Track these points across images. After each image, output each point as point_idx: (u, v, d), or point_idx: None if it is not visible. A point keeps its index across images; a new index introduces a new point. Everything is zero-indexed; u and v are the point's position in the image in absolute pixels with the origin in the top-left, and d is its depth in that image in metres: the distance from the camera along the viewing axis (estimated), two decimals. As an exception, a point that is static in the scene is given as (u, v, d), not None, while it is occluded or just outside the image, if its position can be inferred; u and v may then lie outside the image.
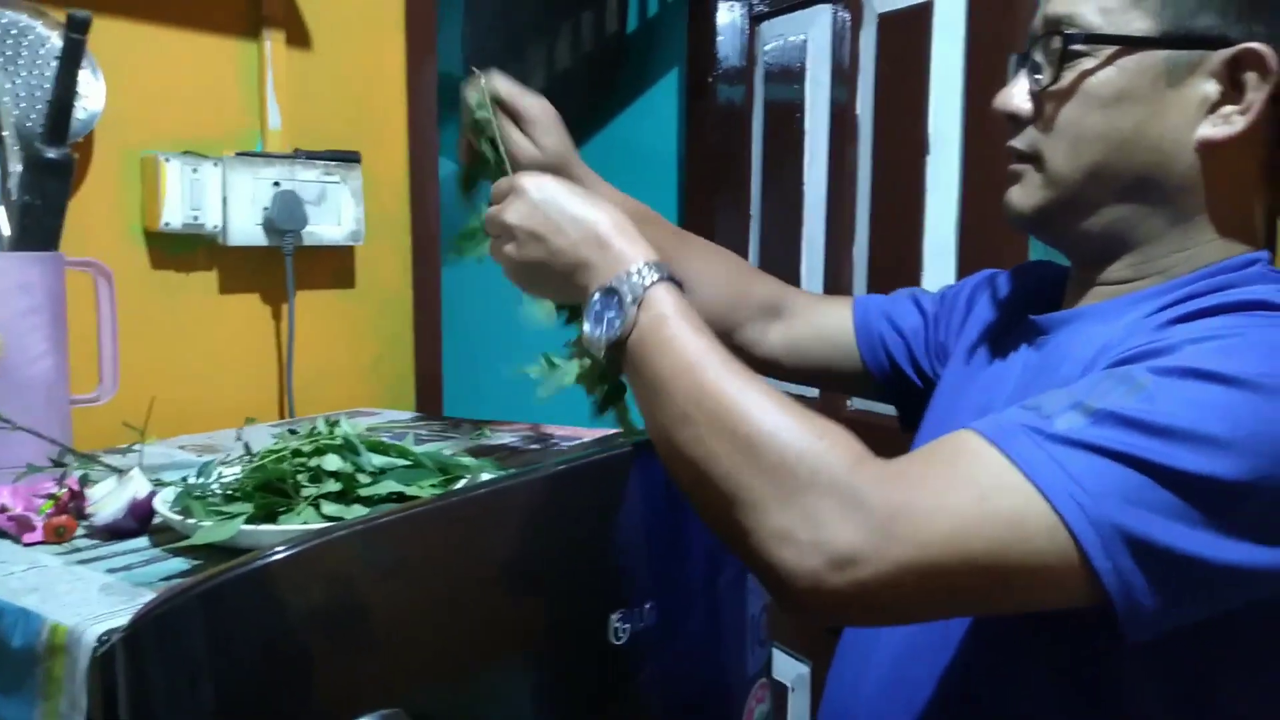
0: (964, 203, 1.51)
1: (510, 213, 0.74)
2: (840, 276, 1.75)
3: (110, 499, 0.81)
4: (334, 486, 0.75)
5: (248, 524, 0.73)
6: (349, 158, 1.46)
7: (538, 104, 0.90)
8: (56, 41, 1.14)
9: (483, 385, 2.48)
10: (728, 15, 2.00)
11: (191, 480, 0.83)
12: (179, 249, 1.34)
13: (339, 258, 1.52)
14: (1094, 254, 0.72)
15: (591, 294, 0.69)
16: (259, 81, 1.40)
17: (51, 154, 1.01)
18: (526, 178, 0.75)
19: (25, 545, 0.78)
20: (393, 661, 0.62)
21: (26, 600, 0.64)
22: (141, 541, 0.79)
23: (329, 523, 0.72)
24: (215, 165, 1.33)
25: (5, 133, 1.05)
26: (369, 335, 1.57)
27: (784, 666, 1.76)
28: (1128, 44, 0.67)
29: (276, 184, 1.38)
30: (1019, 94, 0.73)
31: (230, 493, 0.79)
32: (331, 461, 0.77)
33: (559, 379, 0.82)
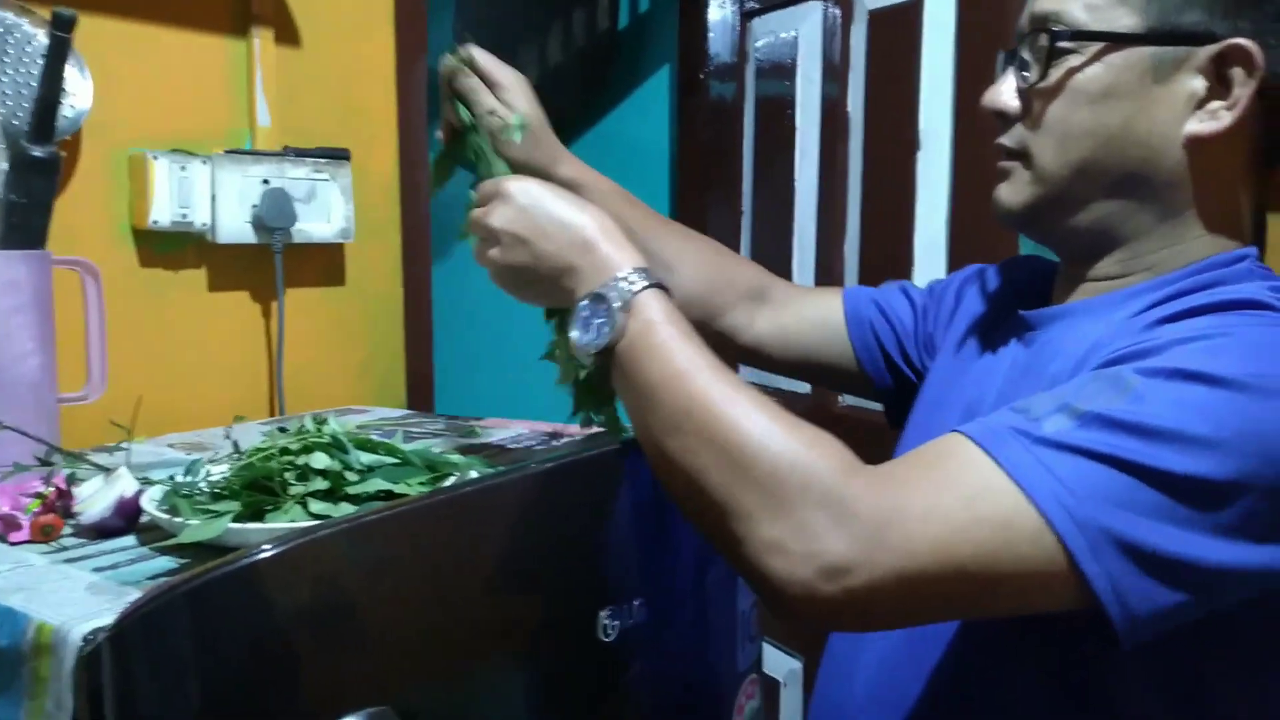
0: (954, 199, 1.52)
1: (495, 216, 0.73)
2: (831, 272, 1.75)
3: (97, 498, 0.81)
4: (322, 485, 0.75)
5: (235, 522, 0.72)
6: (338, 155, 1.46)
7: (510, 73, 0.89)
8: (43, 39, 1.13)
9: (474, 383, 2.48)
10: (719, 11, 2.00)
11: (179, 479, 0.83)
12: (167, 247, 1.33)
13: (329, 255, 1.51)
14: (1083, 250, 0.73)
15: (579, 300, 0.68)
16: (248, 79, 1.40)
17: (37, 152, 1.01)
18: (511, 181, 0.74)
19: (11, 544, 0.77)
20: (380, 660, 0.62)
21: (12, 599, 0.64)
22: (128, 540, 0.79)
23: (316, 521, 0.72)
24: (204, 163, 1.32)
25: (-9, 130, 1.05)
26: (359, 333, 1.56)
27: (776, 662, 1.76)
28: (1114, 40, 0.67)
29: (266, 181, 1.37)
30: (1007, 91, 0.73)
31: (218, 491, 0.79)
32: (319, 460, 0.76)
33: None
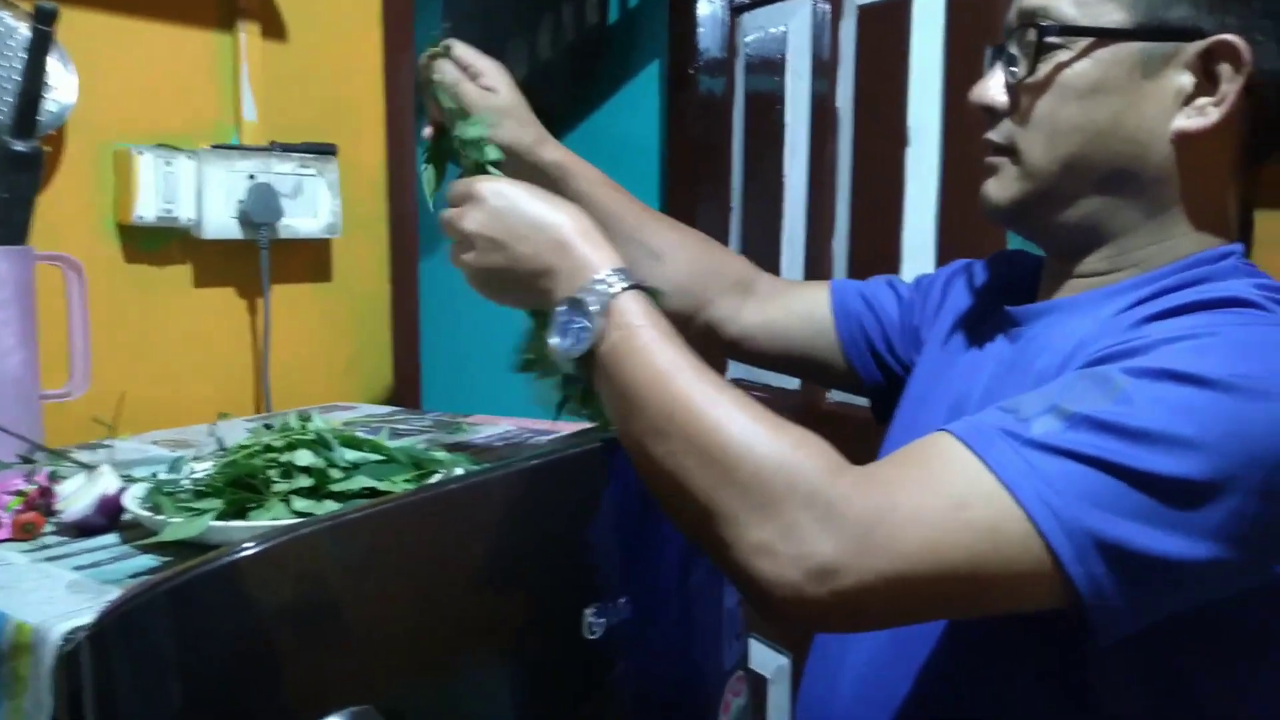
0: (943, 195, 1.51)
1: (468, 220, 0.72)
2: (820, 268, 1.75)
3: (79, 495, 0.80)
4: (305, 482, 0.75)
5: (217, 520, 0.72)
6: (325, 150, 1.45)
7: (489, 61, 0.88)
8: (25, 32, 1.12)
9: (462, 379, 2.47)
10: (708, 6, 1.99)
11: (162, 476, 0.82)
12: (152, 243, 1.32)
13: (315, 251, 1.51)
14: (1070, 246, 0.72)
15: (557, 304, 0.67)
16: (234, 74, 1.39)
17: (19, 147, 1.00)
18: (482, 183, 0.72)
19: (-8, 543, 0.77)
20: (363, 658, 0.62)
21: (-9, 599, 0.63)
22: (111, 538, 0.78)
23: (299, 518, 0.71)
24: (189, 158, 1.31)
25: (-28, 124, 1.04)
26: (346, 329, 1.55)
27: (763, 658, 1.76)
28: (1102, 35, 0.67)
29: (252, 177, 1.36)
30: (995, 86, 0.73)
31: (201, 489, 0.78)
32: (303, 457, 0.76)
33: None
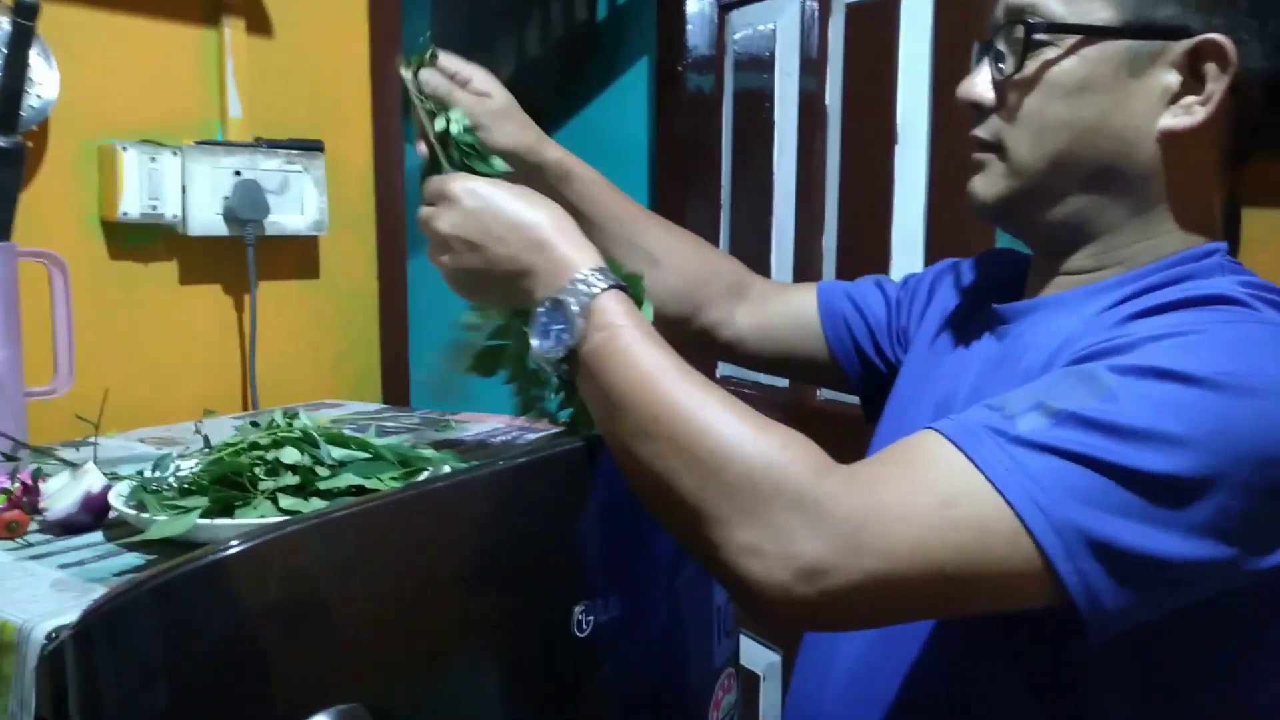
0: (931, 192, 1.52)
1: (442, 221, 0.71)
2: (810, 265, 1.75)
3: (64, 493, 0.79)
4: (292, 480, 0.74)
5: (203, 518, 0.71)
6: (312, 146, 1.44)
7: (474, 66, 0.86)
8: (6, 26, 1.11)
9: (450, 377, 2.47)
10: (697, 4, 1.99)
11: (147, 474, 0.81)
12: (137, 239, 1.31)
13: (302, 248, 1.50)
14: (1056, 243, 0.73)
15: (537, 305, 0.66)
16: (219, 69, 1.38)
17: (1, 142, 0.99)
18: (454, 182, 0.71)
19: (-25, 541, 0.76)
20: (351, 656, 0.61)
21: (-26, 598, 0.63)
22: (96, 536, 0.77)
23: (286, 516, 0.71)
24: (174, 154, 1.30)
25: (-46, 120, 1.03)
26: (333, 326, 1.55)
27: (755, 655, 1.76)
28: (1090, 33, 0.67)
29: (237, 173, 1.35)
30: (982, 83, 0.73)
31: (186, 486, 0.78)
32: (289, 454, 0.75)
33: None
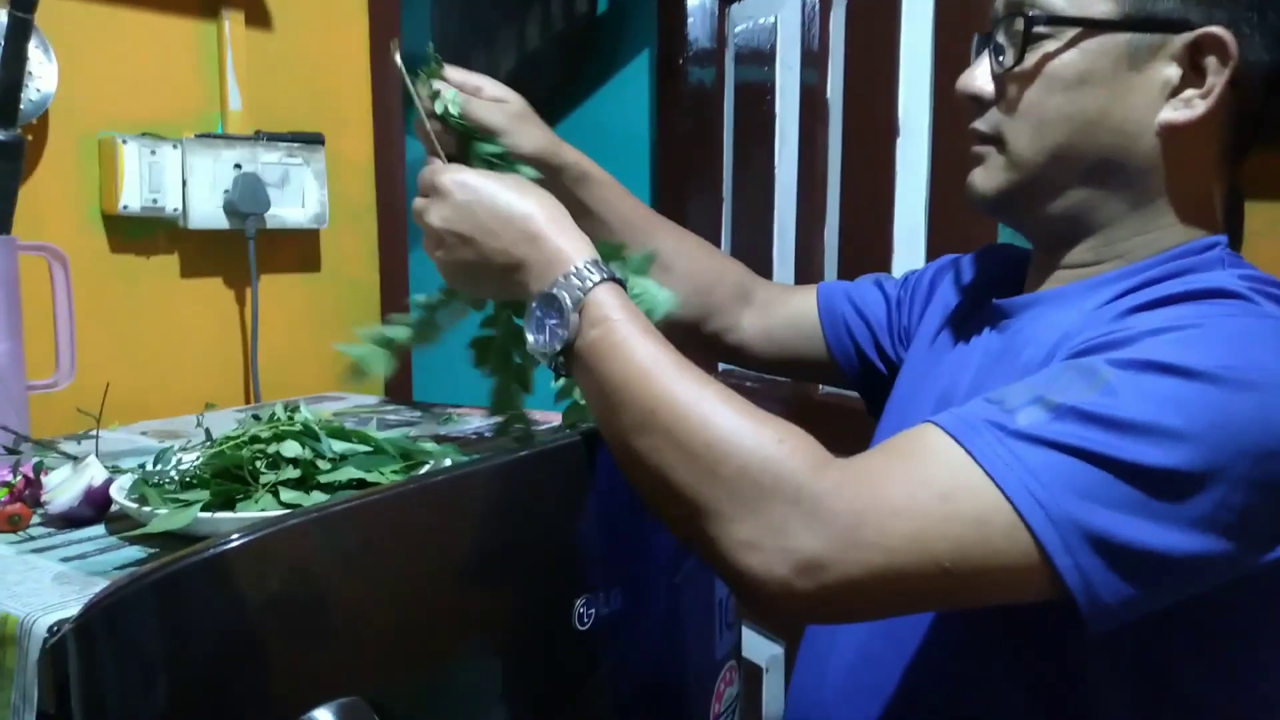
0: (933, 186, 1.51)
1: (433, 215, 0.70)
2: (811, 258, 1.75)
3: (66, 486, 0.80)
4: (293, 473, 0.75)
5: (205, 511, 0.72)
6: (312, 139, 1.44)
7: (483, 76, 0.85)
8: (4, 19, 1.11)
9: (452, 370, 2.47)
10: (698, -3, 1.98)
11: (149, 467, 0.82)
12: (138, 232, 1.32)
13: (303, 241, 1.50)
14: (1056, 237, 0.72)
15: (531, 299, 0.66)
16: (219, 62, 1.38)
17: (0, 135, 0.99)
18: (445, 175, 0.71)
19: (-22, 535, 0.76)
20: (351, 650, 0.61)
21: (-24, 591, 0.63)
22: (97, 530, 0.78)
23: (287, 510, 0.71)
24: (175, 147, 1.30)
25: (-46, 113, 1.03)
26: (335, 319, 1.55)
27: (758, 647, 1.77)
28: (1090, 26, 0.67)
29: (238, 166, 1.36)
30: (981, 75, 0.73)
31: (188, 480, 0.78)
32: (290, 448, 0.75)
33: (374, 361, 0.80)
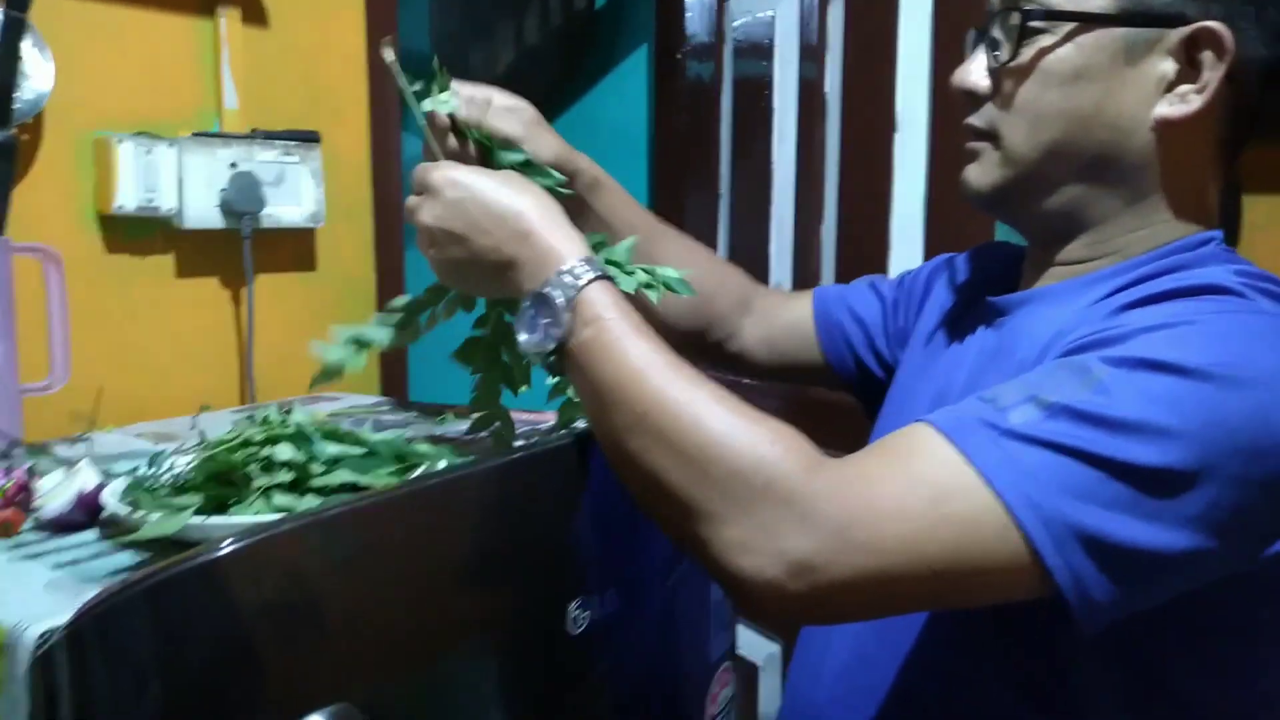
0: (931, 181, 1.51)
1: (424, 213, 0.70)
2: (809, 253, 1.74)
3: (58, 491, 0.79)
4: (286, 477, 0.74)
5: (197, 516, 0.71)
6: (308, 138, 1.44)
7: (484, 87, 0.83)
8: (0, 18, 1.11)
9: (450, 369, 2.47)
10: (696, -10, 1.97)
11: (142, 471, 0.81)
12: (133, 233, 1.31)
13: (299, 240, 1.49)
14: (1051, 233, 0.72)
15: (523, 298, 0.66)
16: (214, 60, 1.37)
17: (-6, 136, 0.99)
18: (436, 172, 0.70)
19: (-30, 540, 0.76)
20: (344, 656, 0.61)
21: (-33, 598, 0.63)
22: (90, 535, 0.77)
23: (279, 514, 0.71)
24: (170, 146, 1.30)
25: (-53, 115, 1.03)
26: (331, 319, 1.52)
27: (754, 645, 1.76)
28: (1086, 20, 0.67)
29: (234, 165, 1.35)
30: (977, 71, 0.72)
31: (181, 484, 0.77)
32: (283, 451, 0.75)
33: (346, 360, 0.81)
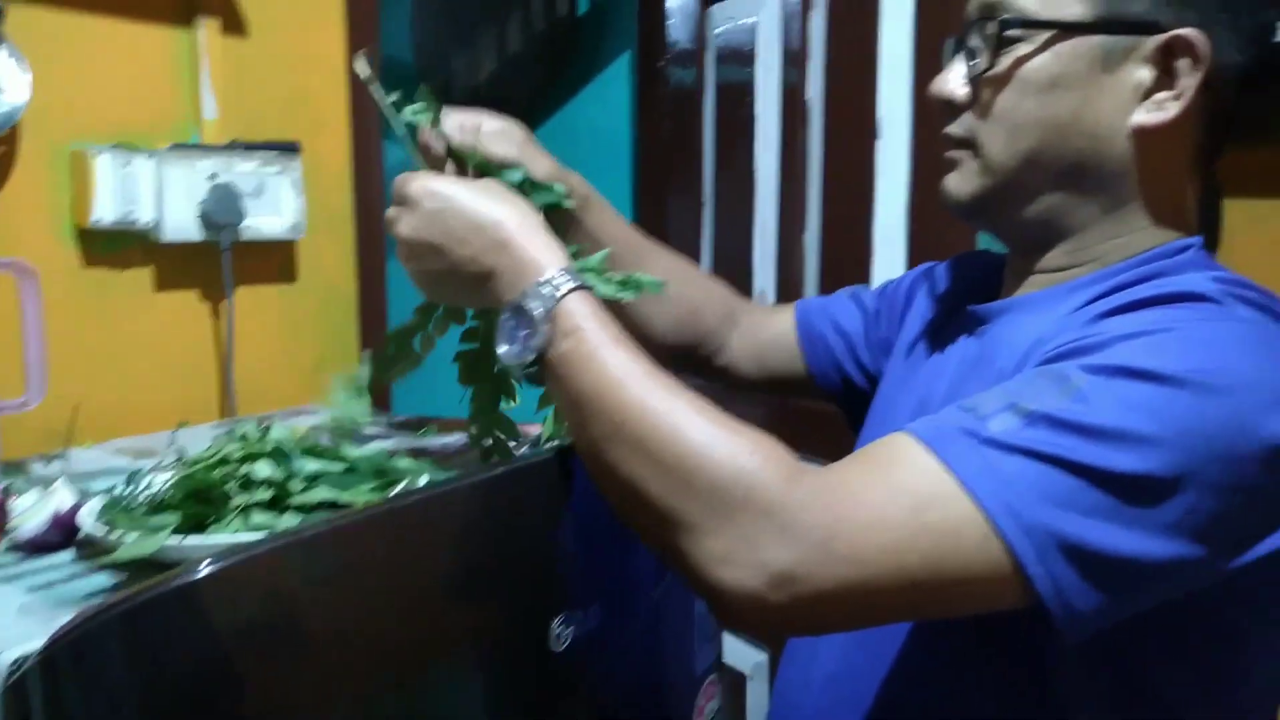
0: (913, 187, 1.51)
1: (402, 225, 0.70)
2: (792, 259, 1.75)
3: (33, 511, 0.78)
4: (264, 494, 0.73)
5: (174, 536, 0.70)
6: (288, 148, 1.43)
7: (481, 113, 0.82)
8: (-27, 33, 1.10)
9: (434, 380, 2.45)
10: (677, -2, 1.98)
11: (119, 490, 0.80)
12: (112, 246, 1.30)
13: (279, 252, 1.48)
14: (1030, 241, 0.72)
15: (501, 310, 0.65)
16: (193, 70, 1.36)
17: (-33, 151, 0.97)
18: (414, 183, 0.69)
19: (-57, 563, 0.75)
20: (325, 678, 0.60)
21: (-62, 624, 0.62)
22: (66, 556, 0.76)
23: (258, 533, 0.70)
24: (148, 158, 1.29)
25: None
26: (313, 330, 1.53)
27: (741, 655, 1.76)
28: (1062, 29, 0.67)
29: (213, 177, 1.34)
30: (955, 80, 0.72)
31: (158, 503, 0.76)
32: (262, 469, 0.74)
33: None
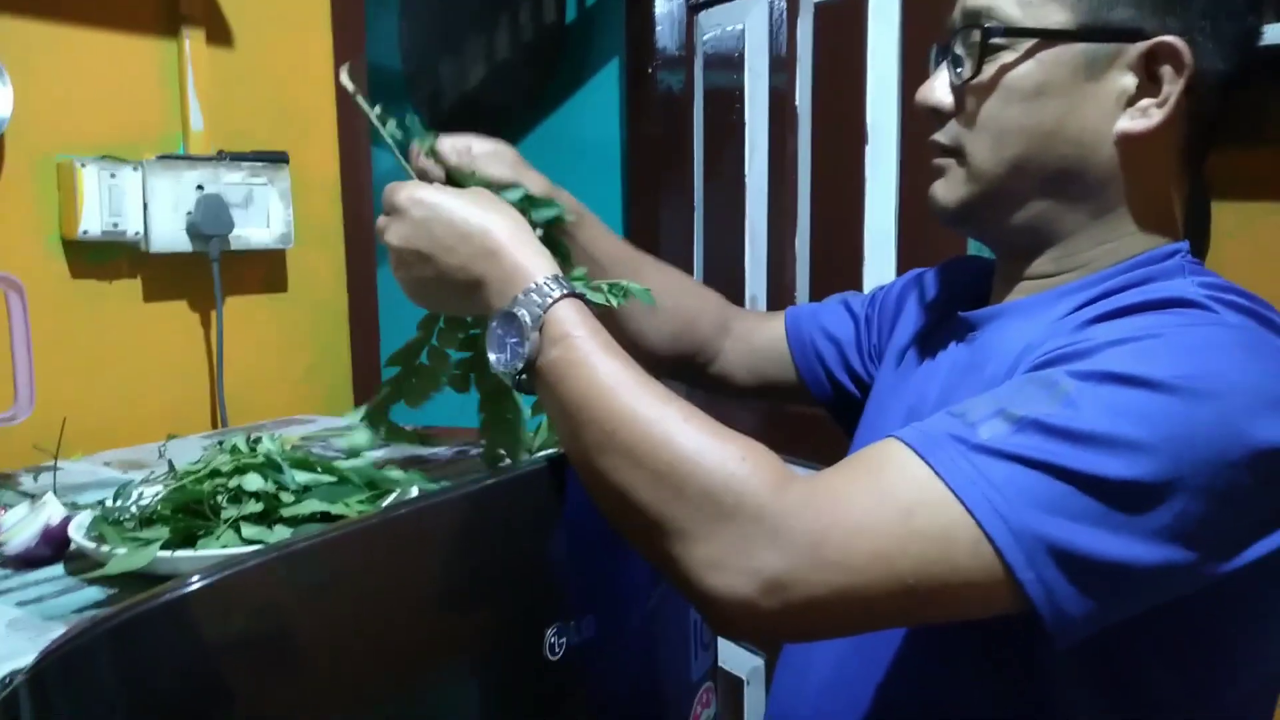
0: (902, 192, 1.52)
1: (391, 234, 0.70)
2: (783, 264, 1.75)
3: (22, 525, 0.78)
4: (255, 507, 0.73)
5: (164, 549, 0.70)
6: (276, 158, 1.42)
7: (469, 136, 0.83)
8: (-42, 45, 1.09)
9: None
10: (665, 4, 1.98)
11: (109, 503, 0.80)
12: (99, 258, 1.30)
13: (268, 261, 1.48)
14: (1018, 248, 0.72)
15: (490, 317, 0.65)
16: (179, 81, 1.36)
17: (-47, 164, 0.97)
18: (403, 192, 0.70)
19: (-69, 578, 0.75)
20: (318, 691, 0.60)
21: (-73, 640, 0.62)
22: (55, 570, 0.76)
23: (248, 546, 0.70)
24: (135, 169, 1.28)
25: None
26: (303, 340, 1.53)
27: (738, 660, 1.76)
28: (1046, 37, 0.67)
29: (200, 187, 1.34)
30: (940, 88, 0.72)
31: (148, 516, 0.76)
32: (252, 481, 0.74)
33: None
